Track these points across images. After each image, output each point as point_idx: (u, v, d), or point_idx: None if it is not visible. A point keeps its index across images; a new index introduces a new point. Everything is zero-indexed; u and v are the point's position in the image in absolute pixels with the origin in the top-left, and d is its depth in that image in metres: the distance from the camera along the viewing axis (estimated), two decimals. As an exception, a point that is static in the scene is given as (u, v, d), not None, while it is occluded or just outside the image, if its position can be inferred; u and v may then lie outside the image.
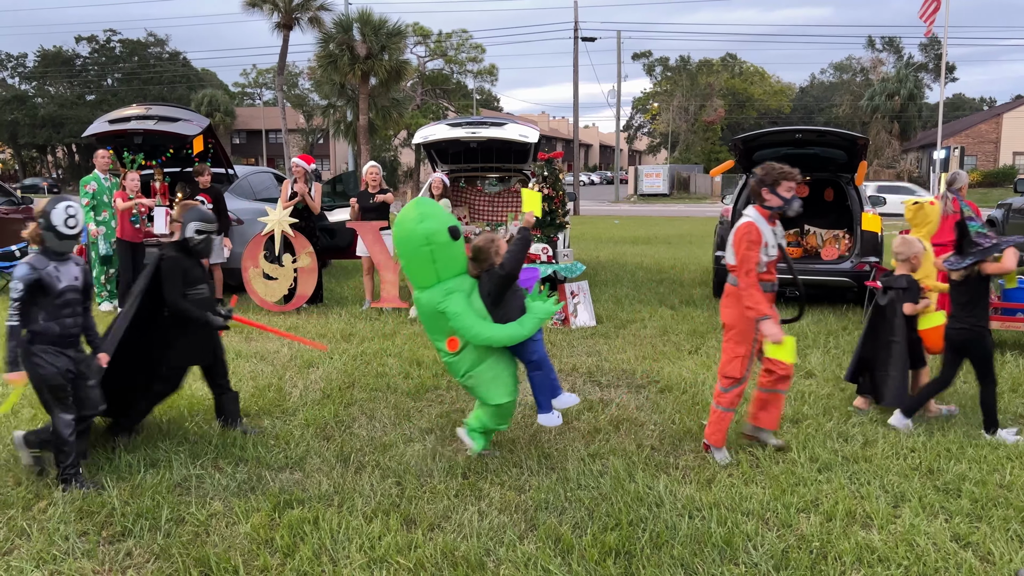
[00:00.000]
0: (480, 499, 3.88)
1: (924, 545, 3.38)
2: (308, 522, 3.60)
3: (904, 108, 49.28)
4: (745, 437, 4.68)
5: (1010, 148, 48.34)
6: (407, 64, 31.18)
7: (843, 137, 9.00)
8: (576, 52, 34.27)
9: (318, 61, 29.62)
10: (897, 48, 61.63)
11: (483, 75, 55.92)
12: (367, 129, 29.73)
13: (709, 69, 65.48)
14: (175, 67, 66.78)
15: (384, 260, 8.88)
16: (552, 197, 8.48)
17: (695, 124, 62.71)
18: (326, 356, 6.76)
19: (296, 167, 9.03)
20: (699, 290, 10.42)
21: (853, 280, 8.78)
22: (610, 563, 3.24)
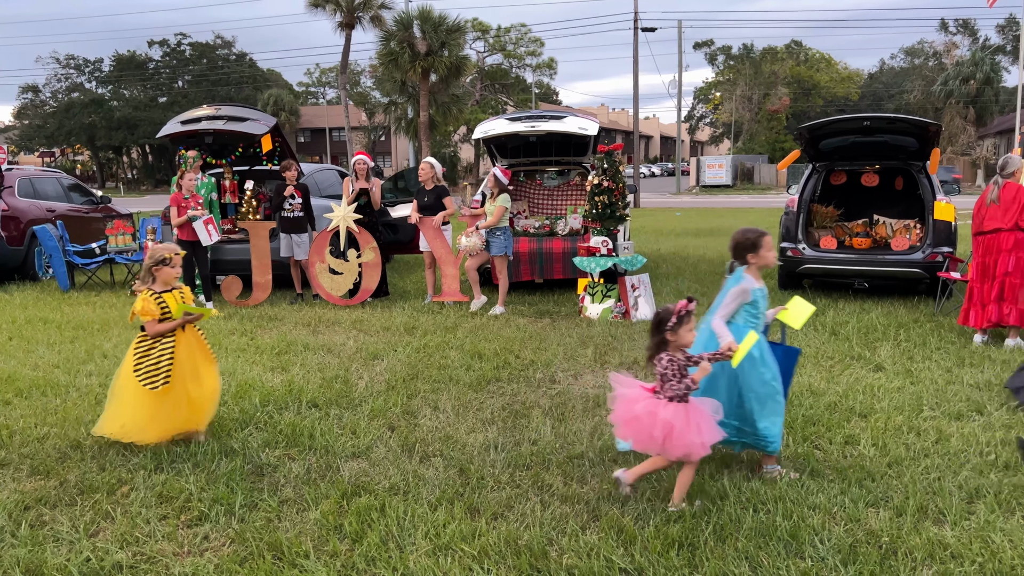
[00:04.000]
0: (543, 490, 3.92)
1: (1000, 542, 3.28)
2: (375, 509, 3.69)
3: (980, 92, 47.36)
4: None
5: (1096, 132, 45.88)
6: (466, 60, 31.42)
7: (914, 124, 8.72)
8: (636, 43, 33.93)
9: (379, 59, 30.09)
10: (972, 30, 59.16)
11: (542, 69, 55.84)
12: (427, 125, 30.09)
13: (773, 57, 63.98)
14: (242, 68, 68.52)
15: (444, 255, 9.00)
16: (612, 189, 8.45)
17: (759, 113, 61.43)
18: (390, 348, 6.89)
19: (360, 164, 9.21)
20: (765, 282, 10.20)
21: (925, 271, 8.51)
22: (673, 554, 3.24)
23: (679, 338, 3.65)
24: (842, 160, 9.77)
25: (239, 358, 6.66)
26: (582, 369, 6.22)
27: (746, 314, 4.05)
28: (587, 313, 8.32)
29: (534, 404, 5.31)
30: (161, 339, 4.46)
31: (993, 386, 5.53)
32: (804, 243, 9.08)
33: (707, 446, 3.64)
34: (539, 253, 9.47)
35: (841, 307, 8.44)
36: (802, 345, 6.83)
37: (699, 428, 3.60)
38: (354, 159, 9.38)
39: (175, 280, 4.56)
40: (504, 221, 8.64)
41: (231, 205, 10.56)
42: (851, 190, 10.21)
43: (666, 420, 3.58)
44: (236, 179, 10.63)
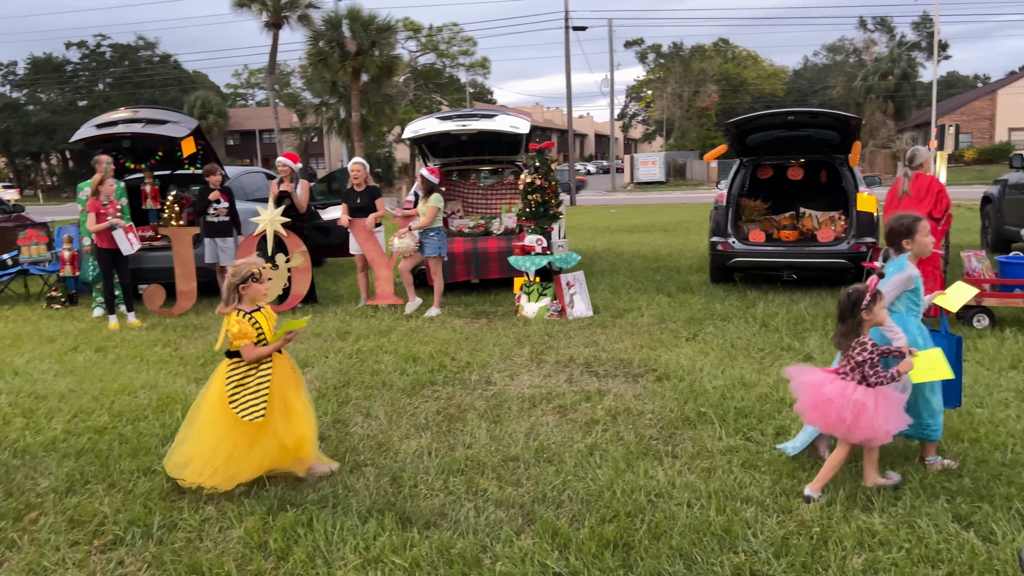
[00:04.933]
0: (477, 495, 3.84)
1: (925, 527, 3.34)
2: (302, 524, 3.55)
3: (898, 88, 49.17)
4: None
5: (1005, 124, 48.18)
6: (398, 59, 31.13)
7: (836, 118, 8.93)
8: (567, 42, 34.13)
9: (308, 59, 29.59)
10: (889, 27, 61.47)
11: (475, 68, 55.81)
12: (360, 126, 29.68)
13: (702, 55, 65.29)
14: (166, 70, 66.54)
15: (377, 257, 8.84)
16: (544, 188, 8.42)
17: (689, 110, 62.57)
18: (321, 355, 6.71)
19: (282, 166, 8.97)
20: (696, 277, 10.37)
21: (850, 261, 8.72)
22: (608, 555, 3.20)
23: (874, 316, 3.65)
24: (768, 155, 9.96)
25: (161, 370, 6.40)
26: (519, 369, 6.17)
27: (908, 301, 3.99)
28: (524, 312, 8.27)
29: (469, 407, 5.23)
30: (259, 364, 3.97)
31: (916, 372, 5.67)
32: (734, 237, 9.22)
33: (890, 434, 3.62)
34: (474, 253, 9.39)
35: (771, 299, 8.59)
36: (734, 338, 6.92)
37: (887, 415, 3.59)
38: (277, 161, 9.14)
39: (263, 297, 4.07)
40: (438, 221, 8.53)
41: (152, 211, 10.17)
42: (778, 184, 10.42)
43: (858, 401, 3.56)
44: (157, 184, 10.25)
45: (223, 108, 62.12)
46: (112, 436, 4.81)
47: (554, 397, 5.36)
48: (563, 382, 5.78)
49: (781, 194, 10.40)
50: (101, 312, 8.89)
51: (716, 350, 6.51)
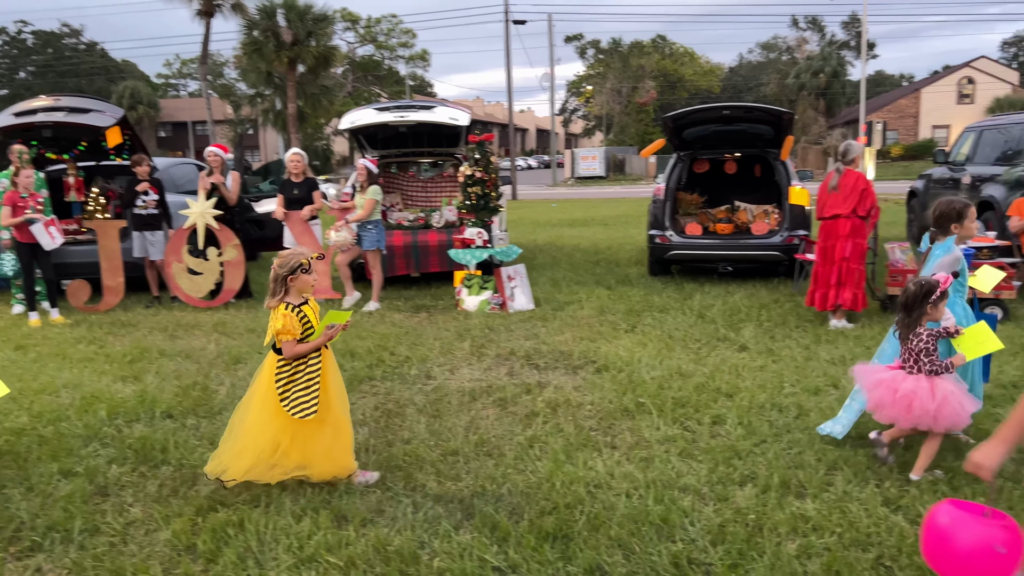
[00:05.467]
0: (415, 491, 3.78)
1: (856, 511, 3.41)
2: (233, 525, 3.44)
3: (829, 85, 50.58)
4: None
5: (929, 122, 50.07)
6: (335, 50, 30.62)
7: (769, 112, 9.11)
8: (507, 36, 34.08)
9: (243, 49, 28.86)
10: (820, 27, 63.14)
11: (415, 60, 55.35)
12: (296, 117, 29.10)
13: (640, 51, 66.03)
14: (93, 59, 64.18)
15: (313, 250, 8.64)
16: (485, 180, 8.37)
17: (628, 106, 63.22)
18: (255, 351, 6.54)
19: (213, 156, 8.71)
20: (635, 269, 10.47)
21: (783, 254, 8.91)
22: (547, 548, 3.18)
23: (936, 312, 3.72)
24: (704, 149, 10.11)
25: (85, 368, 6.14)
26: (459, 363, 6.11)
27: (954, 282, 4.06)
28: (464, 306, 8.21)
29: (408, 402, 5.16)
30: (308, 359, 3.76)
31: (847, 361, 5.82)
32: (671, 230, 9.32)
33: (968, 417, 3.69)
34: (414, 246, 9.28)
35: (707, 291, 8.72)
36: (672, 329, 7.00)
37: (962, 399, 3.64)
38: (206, 151, 8.86)
39: (311, 289, 3.87)
40: (376, 214, 8.39)
41: (76, 203, 9.76)
42: (714, 178, 10.59)
43: (944, 391, 3.62)
44: (82, 176, 9.84)
45: (154, 99, 60.24)
46: (31, 438, 4.58)
47: (495, 390, 5.33)
48: (504, 375, 5.75)
49: (717, 188, 10.58)
50: (21, 309, 8.49)
51: (654, 341, 6.57)
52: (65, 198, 9.65)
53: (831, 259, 6.89)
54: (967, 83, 50.02)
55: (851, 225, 6.80)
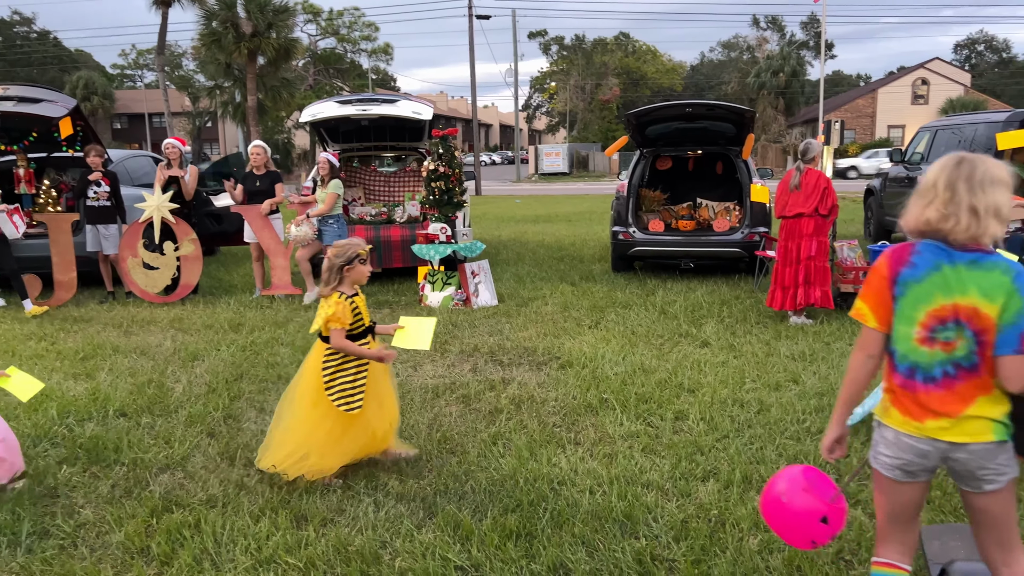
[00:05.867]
0: (376, 489, 3.72)
1: (817, 506, 3.44)
2: (189, 526, 3.35)
3: (788, 85, 51.30)
4: None
5: (885, 121, 51.10)
6: (296, 43, 30.19)
7: (731, 111, 9.17)
8: (471, 30, 33.94)
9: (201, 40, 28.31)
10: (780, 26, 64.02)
11: (378, 54, 54.77)
12: (256, 110, 28.64)
13: (603, 48, 66.26)
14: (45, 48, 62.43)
15: (274, 245, 8.51)
16: (448, 175, 8.30)
17: (592, 103, 63.46)
18: (213, 347, 6.40)
19: (171, 148, 8.51)
20: (599, 266, 10.49)
21: (744, 250, 9.00)
22: (510, 546, 3.16)
23: None
24: (667, 146, 10.16)
25: (36, 365, 5.95)
26: (422, 360, 6.05)
27: None
28: (428, 302, 8.15)
29: (369, 398, 5.08)
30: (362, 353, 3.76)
31: (807, 357, 5.90)
32: (634, 227, 9.36)
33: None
34: (376, 241, 9.18)
35: (669, 287, 8.77)
36: (634, 325, 7.02)
37: None
38: (164, 144, 8.65)
39: (365, 281, 3.87)
40: (337, 209, 8.28)
41: (27, 196, 9.46)
42: (676, 175, 10.65)
43: None
44: (32, 167, 9.54)
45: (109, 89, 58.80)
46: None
47: (458, 387, 5.29)
48: (467, 371, 5.71)
49: (679, 185, 10.65)
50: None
51: (617, 337, 6.58)
52: (15, 190, 9.36)
53: (794, 258, 6.96)
54: (921, 84, 51.15)
55: (814, 223, 6.87)
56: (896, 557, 2.36)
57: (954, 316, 2.17)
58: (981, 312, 2.13)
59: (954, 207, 2.16)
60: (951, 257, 2.19)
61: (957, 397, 2.18)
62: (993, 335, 2.12)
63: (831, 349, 6.10)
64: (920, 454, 2.25)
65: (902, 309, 2.25)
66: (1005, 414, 2.19)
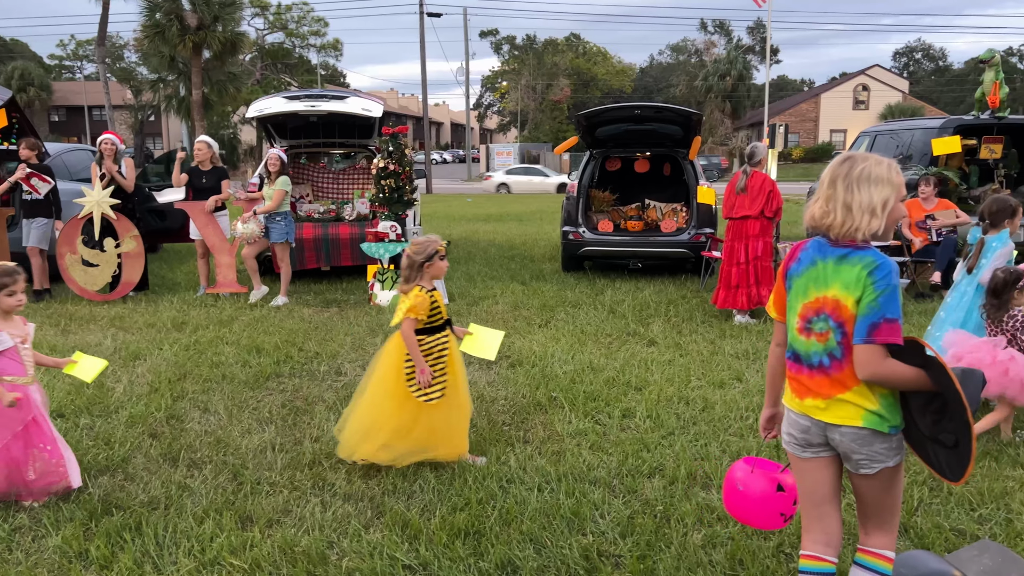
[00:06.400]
0: (324, 490, 3.69)
1: (758, 500, 3.53)
2: (129, 528, 3.28)
3: (735, 88, 52.28)
4: None
5: (827, 126, 52.51)
6: (243, 37, 29.65)
7: (679, 113, 9.32)
8: (422, 28, 33.79)
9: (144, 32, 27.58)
10: (727, 31, 65.15)
11: (327, 50, 54.09)
12: (202, 105, 28.02)
13: (554, 49, 66.58)
14: (-23, 36, 60.11)
15: (219, 243, 8.36)
16: (398, 173, 8.26)
17: (543, 103, 63.71)
18: (155, 346, 6.26)
19: (108, 144, 8.27)
20: (549, 265, 10.56)
21: (691, 251, 9.15)
22: (459, 544, 3.16)
23: (1021, 297, 4.22)
24: (617, 147, 10.28)
25: (-34, 366, 5.73)
26: (371, 358, 5.99)
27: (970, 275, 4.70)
28: (377, 300, 8.09)
29: (318, 399, 5.04)
30: (436, 345, 3.86)
31: (751, 355, 6.03)
32: (584, 227, 9.44)
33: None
34: (325, 239, 9.08)
35: (618, 286, 8.87)
36: (584, 324, 7.09)
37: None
38: (100, 139, 8.41)
39: (443, 275, 4.01)
40: (285, 206, 8.17)
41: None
42: (625, 176, 10.78)
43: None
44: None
45: (46, 81, 56.95)
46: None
47: (406, 386, 5.26)
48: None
49: (628, 186, 10.78)
50: None
51: (567, 336, 6.63)
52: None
53: (740, 258, 7.10)
54: (862, 90, 52.69)
55: (760, 225, 7.03)
56: (820, 549, 2.45)
57: (823, 309, 2.30)
58: (841, 304, 2.25)
59: (833, 203, 2.27)
60: (825, 253, 2.32)
61: (832, 383, 2.32)
62: (852, 327, 2.24)
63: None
64: (802, 428, 2.41)
65: (790, 301, 2.43)
66: (883, 406, 2.28)
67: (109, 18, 30.13)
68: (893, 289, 2.18)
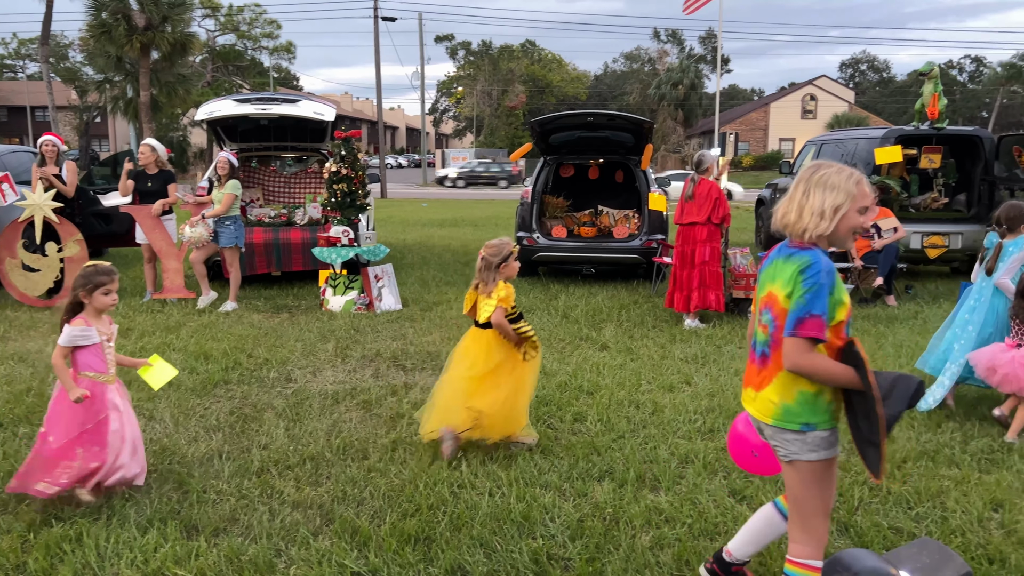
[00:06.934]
0: (272, 497, 3.65)
1: (705, 502, 3.59)
2: (69, 540, 3.20)
3: (687, 97, 53.10)
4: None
5: (777, 134, 53.61)
6: (193, 38, 29.08)
7: (630, 121, 9.44)
8: (376, 31, 33.62)
9: (90, 31, 26.87)
10: (680, 40, 66.20)
11: (280, 52, 53.41)
12: (150, 106, 27.42)
13: (510, 55, 66.82)
14: (-88, 32, 57.94)
15: (166, 247, 8.20)
16: (351, 177, 8.20)
17: (498, 109, 63.86)
18: (99, 354, 6.10)
19: (50, 145, 8.06)
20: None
21: (642, 257, 9.27)
22: (408, 550, 3.16)
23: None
24: (570, 154, 10.36)
25: (-102, 375, 5.53)
26: (322, 365, 5.96)
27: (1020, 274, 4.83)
28: (329, 306, 8.02)
29: (267, 406, 4.98)
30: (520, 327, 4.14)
31: (700, 359, 6.13)
32: (538, 232, 9.49)
33: None
34: (275, 244, 8.96)
35: (571, 292, 8.94)
36: (537, 329, 7.10)
37: None
38: (40, 140, 8.19)
39: (515, 275, 4.20)
40: (235, 210, 8.05)
41: None
42: (579, 182, 10.87)
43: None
44: None
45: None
46: None
47: (359, 392, 5.24)
48: (369, 377, 5.66)
49: (581, 192, 10.87)
50: None
51: (520, 341, 6.64)
52: None
53: (690, 263, 7.22)
54: (810, 99, 53.92)
55: (707, 231, 7.16)
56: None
57: (766, 303, 2.45)
58: (776, 299, 2.40)
59: (791, 205, 2.45)
60: (781, 251, 2.47)
61: (763, 375, 2.47)
62: (782, 321, 2.36)
63: (722, 352, 6.36)
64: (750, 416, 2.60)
65: (756, 295, 2.60)
66: (799, 402, 2.39)
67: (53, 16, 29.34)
68: (820, 287, 2.29)
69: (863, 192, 2.37)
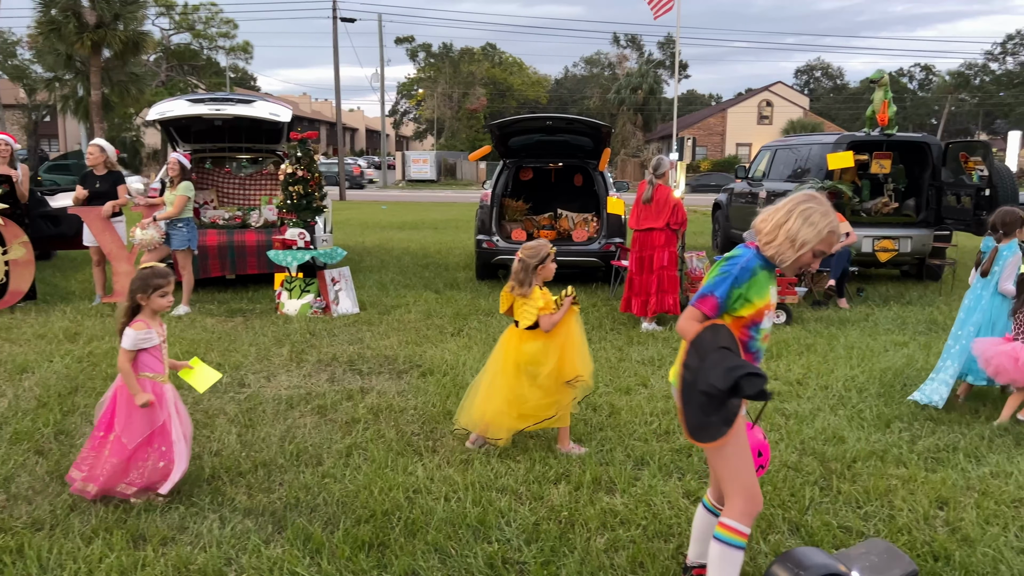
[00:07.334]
0: (223, 505, 3.57)
1: (660, 504, 3.62)
2: (9, 551, 3.10)
3: (646, 102, 53.66)
4: None
5: (734, 139, 54.41)
6: (147, 36, 28.49)
7: (589, 125, 9.50)
8: (335, 32, 33.35)
9: (38, 28, 26.15)
10: (639, 45, 66.85)
11: (236, 52, 52.63)
12: (101, 106, 26.78)
13: (471, 57, 66.79)
14: None
15: (116, 250, 8.01)
16: (307, 179, 8.11)
17: (459, 111, 63.76)
18: (45, 359, 5.94)
19: (3, 146, 7.83)
20: (463, 273, 10.55)
21: (601, 260, 9.32)
22: (362, 557, 3.12)
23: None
24: (529, 157, 10.38)
25: None
26: (276, 370, 5.87)
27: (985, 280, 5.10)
28: (284, 310, 7.91)
29: (219, 411, 4.89)
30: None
31: (656, 361, 6.18)
32: (497, 235, 9.49)
33: None
34: (230, 247, 8.82)
35: (531, 295, 8.93)
36: (496, 332, 7.10)
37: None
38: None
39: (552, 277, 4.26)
40: (187, 212, 7.90)
41: None
42: (538, 186, 10.90)
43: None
44: None
45: (-71, 76, 53.33)
46: None
47: (314, 397, 5.17)
48: (324, 381, 5.59)
49: (541, 195, 10.90)
50: None
51: (479, 344, 6.64)
52: None
53: (648, 268, 7.27)
54: (766, 105, 54.85)
55: (665, 236, 7.22)
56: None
57: None
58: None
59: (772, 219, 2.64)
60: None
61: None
62: None
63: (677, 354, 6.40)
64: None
65: None
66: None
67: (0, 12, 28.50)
68: (729, 275, 2.53)
69: (829, 241, 2.55)
